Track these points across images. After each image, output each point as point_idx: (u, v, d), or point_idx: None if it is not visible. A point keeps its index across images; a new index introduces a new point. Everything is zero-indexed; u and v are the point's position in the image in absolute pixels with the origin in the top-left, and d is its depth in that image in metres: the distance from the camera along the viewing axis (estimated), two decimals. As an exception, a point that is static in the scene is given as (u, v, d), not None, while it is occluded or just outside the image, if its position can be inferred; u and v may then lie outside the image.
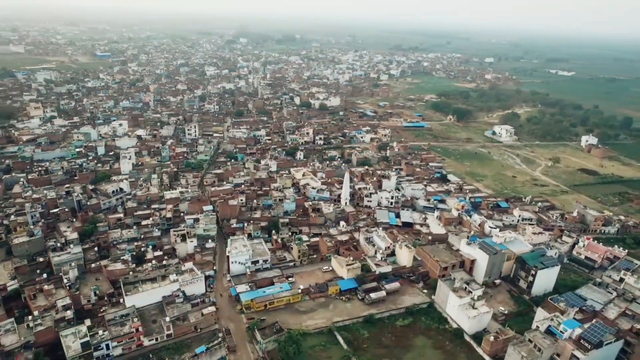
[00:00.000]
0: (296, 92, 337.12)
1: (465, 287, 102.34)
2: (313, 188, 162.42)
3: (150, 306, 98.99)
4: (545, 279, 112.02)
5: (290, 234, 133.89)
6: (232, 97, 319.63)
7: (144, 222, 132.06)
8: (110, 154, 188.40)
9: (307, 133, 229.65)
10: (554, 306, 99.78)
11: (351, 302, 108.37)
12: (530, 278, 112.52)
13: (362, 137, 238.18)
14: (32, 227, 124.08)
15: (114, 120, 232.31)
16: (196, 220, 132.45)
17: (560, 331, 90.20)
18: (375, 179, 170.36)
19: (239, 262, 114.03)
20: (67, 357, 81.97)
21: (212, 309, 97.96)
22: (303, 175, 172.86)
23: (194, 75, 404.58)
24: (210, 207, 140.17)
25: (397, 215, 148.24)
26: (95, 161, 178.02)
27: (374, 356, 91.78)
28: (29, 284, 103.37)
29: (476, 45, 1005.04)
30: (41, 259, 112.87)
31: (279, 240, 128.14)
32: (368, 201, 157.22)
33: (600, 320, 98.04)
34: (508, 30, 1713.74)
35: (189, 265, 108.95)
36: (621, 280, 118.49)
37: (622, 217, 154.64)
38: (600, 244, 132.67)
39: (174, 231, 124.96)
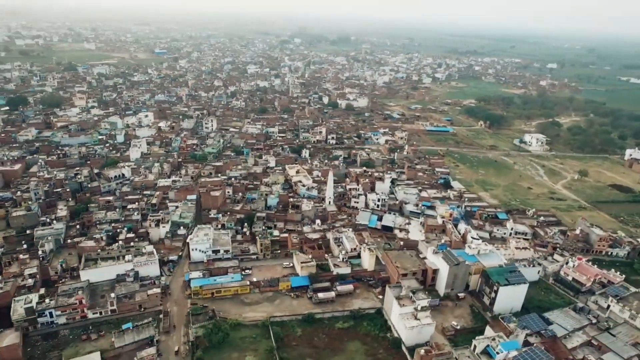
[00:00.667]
0: (327, 92, 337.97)
1: (411, 296, 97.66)
2: (303, 185, 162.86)
3: (104, 282, 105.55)
4: (509, 297, 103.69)
5: (264, 228, 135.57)
6: (264, 94, 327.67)
7: (130, 206, 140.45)
8: (128, 142, 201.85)
9: (320, 132, 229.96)
10: (503, 326, 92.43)
11: (299, 299, 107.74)
12: (493, 294, 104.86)
13: (377, 139, 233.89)
14: (31, 203, 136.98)
15: (143, 111, 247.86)
16: (177, 207, 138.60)
17: (497, 352, 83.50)
18: (367, 180, 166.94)
19: (200, 250, 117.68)
20: (12, 320, 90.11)
21: (157, 290, 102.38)
22: (297, 172, 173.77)
23: (235, 72, 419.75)
24: (194, 197, 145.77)
25: (380, 219, 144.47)
26: (110, 148, 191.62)
27: (299, 355, 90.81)
28: (10, 252, 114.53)
29: (546, 51, 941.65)
30: (28, 232, 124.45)
31: (247, 233, 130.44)
32: (355, 202, 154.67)
33: (559, 346, 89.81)
34: (590, 35, 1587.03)
35: (149, 248, 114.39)
36: (608, 307, 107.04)
37: (633, 240, 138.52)
38: (595, 266, 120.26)
39: (151, 216, 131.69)
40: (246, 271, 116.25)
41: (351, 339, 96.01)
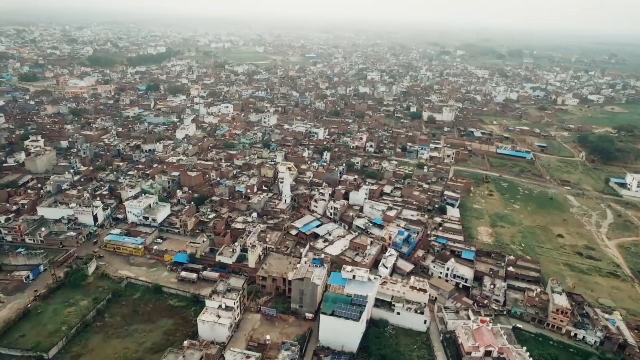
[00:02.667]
0: (424, 103, 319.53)
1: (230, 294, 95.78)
2: (281, 182, 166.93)
3: (51, 220, 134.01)
4: (337, 330, 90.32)
5: (209, 210, 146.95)
6: (352, 99, 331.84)
7: (130, 172, 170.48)
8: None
9: (360, 138, 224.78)
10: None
11: (171, 272, 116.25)
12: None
13: (422, 154, 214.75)
14: (74, 159, 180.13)
15: (225, 103, 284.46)
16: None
17: (236, 367, 77.08)
18: (341, 188, 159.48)
19: (134, 213, 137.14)
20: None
21: (72, 234, 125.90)
22: (288, 169, 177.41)
23: (354, 78, 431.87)
24: (177, 173, 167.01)
25: (319, 226, 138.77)
26: (170, 127, 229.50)
27: (115, 313, 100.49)
28: (23, 185, 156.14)
29: None
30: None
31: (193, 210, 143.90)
32: (314, 206, 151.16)
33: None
34: None
35: (98, 203, 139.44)
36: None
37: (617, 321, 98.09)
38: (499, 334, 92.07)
39: (129, 181, 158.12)
40: (158, 240, 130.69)
41: (169, 317, 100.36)
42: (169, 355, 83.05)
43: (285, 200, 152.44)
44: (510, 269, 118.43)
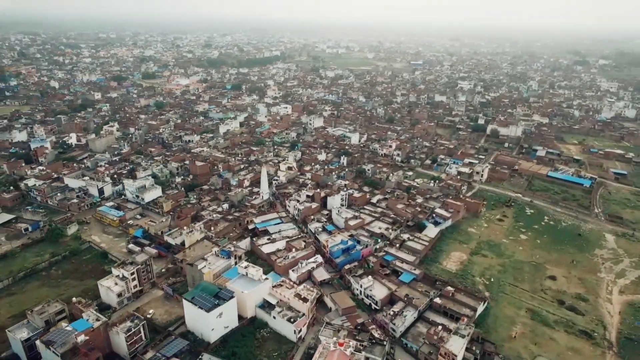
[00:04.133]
0: (495, 115, 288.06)
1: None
2: (275, 180, 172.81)
3: (72, 188, 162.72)
4: (198, 318, 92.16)
5: (195, 197, 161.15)
6: (427, 107, 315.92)
7: (156, 157, 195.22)
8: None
9: (390, 146, 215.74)
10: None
11: (129, 245, 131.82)
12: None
13: (451, 167, 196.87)
14: (124, 142, 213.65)
15: (283, 105, 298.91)
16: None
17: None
18: (320, 191, 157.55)
19: (129, 191, 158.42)
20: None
21: (75, 201, 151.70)
22: (288, 168, 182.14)
23: (443, 87, 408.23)
24: (186, 162, 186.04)
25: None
26: (220, 122, 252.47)
27: (62, 271, 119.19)
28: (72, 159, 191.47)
29: None
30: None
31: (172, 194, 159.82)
32: (288, 206, 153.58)
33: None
34: None
35: (108, 180, 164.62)
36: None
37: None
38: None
39: (145, 164, 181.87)
40: (138, 216, 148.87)
41: (96, 278, 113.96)
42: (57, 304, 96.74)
43: (262, 197, 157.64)
44: (438, 300, 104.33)
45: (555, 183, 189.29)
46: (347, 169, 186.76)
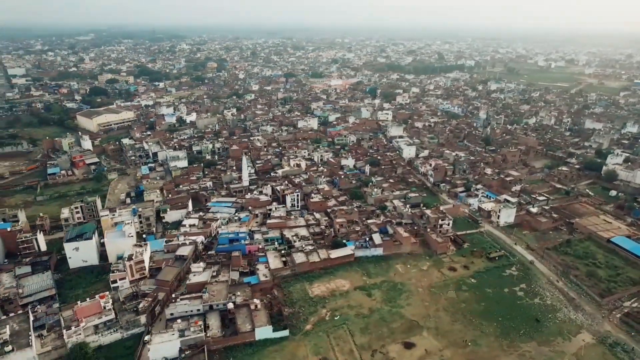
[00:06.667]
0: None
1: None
2: (275, 173, 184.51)
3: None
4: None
5: (204, 173, 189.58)
6: (566, 133, 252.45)
7: (220, 139, 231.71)
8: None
9: (430, 164, 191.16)
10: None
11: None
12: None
13: (473, 202, 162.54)
14: (218, 124, 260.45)
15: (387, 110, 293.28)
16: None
17: None
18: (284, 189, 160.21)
19: (168, 156, 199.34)
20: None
21: (115, 176, 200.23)
22: (297, 165, 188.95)
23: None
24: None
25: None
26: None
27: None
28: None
29: None
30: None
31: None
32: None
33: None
34: None
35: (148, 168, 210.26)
36: None
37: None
38: None
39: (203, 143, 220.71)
40: (157, 177, 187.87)
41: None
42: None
43: (242, 183, 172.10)
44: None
45: (614, 252, 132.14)
46: (353, 179, 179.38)
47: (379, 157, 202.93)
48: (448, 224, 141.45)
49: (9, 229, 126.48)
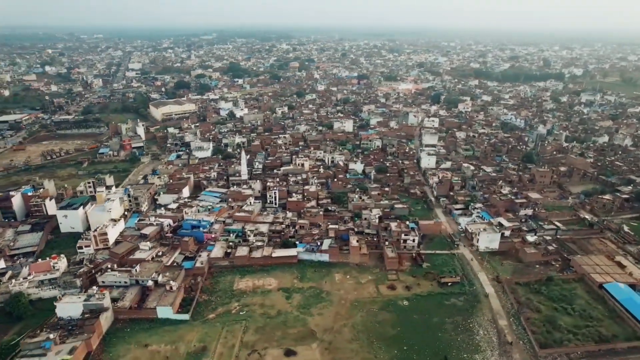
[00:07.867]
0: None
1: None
2: (278, 170, 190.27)
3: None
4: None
5: (218, 164, 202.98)
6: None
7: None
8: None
9: (438, 175, 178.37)
10: None
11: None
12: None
13: (473, 218, 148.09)
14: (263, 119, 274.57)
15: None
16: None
17: None
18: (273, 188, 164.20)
19: (187, 142, 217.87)
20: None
21: (147, 160, 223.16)
22: (301, 165, 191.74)
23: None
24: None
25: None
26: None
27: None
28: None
29: None
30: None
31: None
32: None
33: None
34: None
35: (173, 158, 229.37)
36: None
37: None
38: None
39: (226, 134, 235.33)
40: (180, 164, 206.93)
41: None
42: None
43: (241, 177, 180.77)
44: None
45: (601, 301, 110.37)
46: (351, 183, 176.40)
47: (387, 164, 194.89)
48: (413, 240, 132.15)
49: (29, 194, 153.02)
